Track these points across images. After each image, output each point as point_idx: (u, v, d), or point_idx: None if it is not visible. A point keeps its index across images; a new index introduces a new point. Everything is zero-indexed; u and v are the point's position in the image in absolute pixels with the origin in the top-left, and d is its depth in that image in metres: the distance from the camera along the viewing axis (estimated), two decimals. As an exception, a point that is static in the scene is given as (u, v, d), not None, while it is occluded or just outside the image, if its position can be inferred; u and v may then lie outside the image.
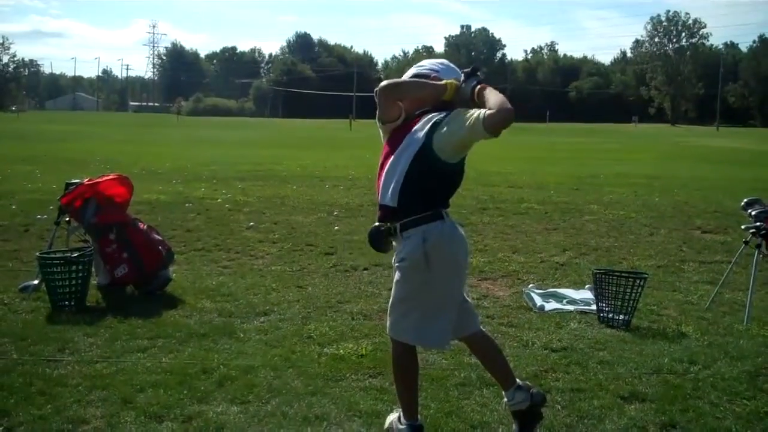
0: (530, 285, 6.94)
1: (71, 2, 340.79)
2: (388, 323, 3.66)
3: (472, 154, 3.63)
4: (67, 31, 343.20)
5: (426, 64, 3.74)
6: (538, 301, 6.36)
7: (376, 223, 3.56)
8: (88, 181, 6.75)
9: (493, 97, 3.33)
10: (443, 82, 3.54)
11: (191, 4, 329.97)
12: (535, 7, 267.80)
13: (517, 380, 3.87)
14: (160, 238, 6.89)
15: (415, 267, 3.46)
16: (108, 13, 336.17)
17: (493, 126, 3.25)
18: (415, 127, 3.51)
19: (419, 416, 3.74)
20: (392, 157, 3.52)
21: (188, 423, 3.85)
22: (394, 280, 3.59)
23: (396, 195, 3.46)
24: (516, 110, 3.27)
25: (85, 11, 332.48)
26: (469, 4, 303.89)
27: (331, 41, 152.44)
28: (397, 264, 3.56)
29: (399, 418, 3.72)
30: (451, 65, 3.73)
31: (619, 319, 5.71)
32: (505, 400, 3.85)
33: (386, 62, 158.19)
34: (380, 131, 3.74)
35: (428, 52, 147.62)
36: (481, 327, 3.93)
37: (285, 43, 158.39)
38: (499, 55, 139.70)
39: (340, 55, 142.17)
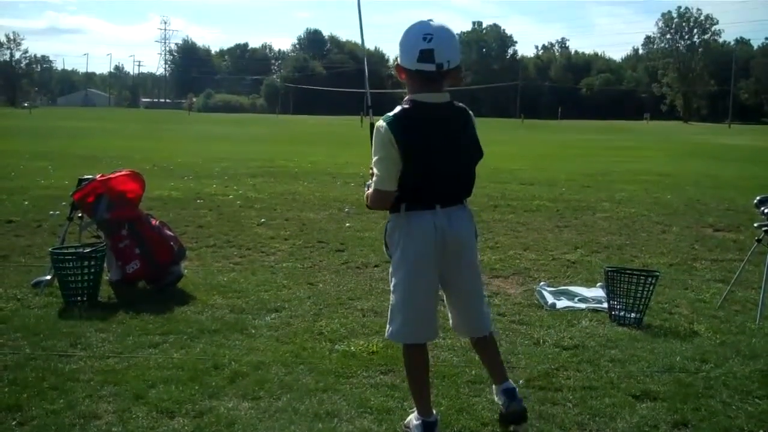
0: (542, 282, 6.92)
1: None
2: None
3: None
4: (83, 28, 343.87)
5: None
6: (550, 298, 6.35)
7: None
8: (100, 176, 6.77)
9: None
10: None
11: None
12: (546, 3, 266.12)
13: (509, 382, 3.88)
14: (172, 234, 6.91)
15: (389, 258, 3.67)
16: (124, 9, 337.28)
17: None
18: None
19: (434, 412, 3.74)
20: None
21: (200, 418, 3.86)
22: None
23: None
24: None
25: (101, 7, 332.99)
26: (481, 1, 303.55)
27: (343, 38, 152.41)
28: None
29: (415, 414, 3.73)
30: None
31: (630, 317, 5.70)
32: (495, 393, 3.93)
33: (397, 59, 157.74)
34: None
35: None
36: (493, 328, 3.92)
37: (296, 40, 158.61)
38: (510, 51, 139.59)
39: (351, 51, 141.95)
